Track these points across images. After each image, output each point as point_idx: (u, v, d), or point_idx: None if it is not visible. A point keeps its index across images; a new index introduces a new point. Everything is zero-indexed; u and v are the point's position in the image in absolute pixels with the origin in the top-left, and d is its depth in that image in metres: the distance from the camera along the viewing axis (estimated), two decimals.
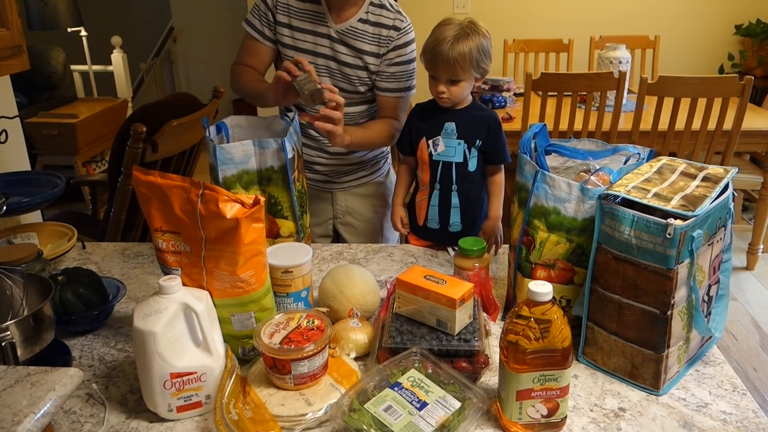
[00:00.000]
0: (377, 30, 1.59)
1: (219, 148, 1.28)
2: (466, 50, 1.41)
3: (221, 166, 1.29)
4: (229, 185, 1.30)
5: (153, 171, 1.01)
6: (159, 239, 1.03)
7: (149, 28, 6.03)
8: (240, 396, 0.95)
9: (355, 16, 1.58)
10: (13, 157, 2.22)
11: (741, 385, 1.03)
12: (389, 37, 1.59)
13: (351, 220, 1.86)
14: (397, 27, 1.59)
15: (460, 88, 1.47)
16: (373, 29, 1.59)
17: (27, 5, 3.86)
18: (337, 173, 1.79)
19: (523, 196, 1.14)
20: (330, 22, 1.59)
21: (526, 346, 0.87)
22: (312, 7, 1.60)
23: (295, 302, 1.17)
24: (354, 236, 1.86)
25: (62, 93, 4.61)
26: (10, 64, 1.31)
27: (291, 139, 1.35)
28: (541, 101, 2.77)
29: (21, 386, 0.76)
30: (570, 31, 4.12)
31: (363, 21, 1.58)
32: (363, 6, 1.59)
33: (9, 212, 1.36)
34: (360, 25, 1.59)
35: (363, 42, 1.59)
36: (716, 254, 1.06)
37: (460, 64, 1.42)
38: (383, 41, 1.59)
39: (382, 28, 1.58)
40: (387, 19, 1.58)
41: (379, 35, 1.59)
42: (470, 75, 1.46)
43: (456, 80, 1.45)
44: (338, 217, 1.86)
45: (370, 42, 1.59)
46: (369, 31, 1.58)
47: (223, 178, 1.30)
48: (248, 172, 1.32)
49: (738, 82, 2.57)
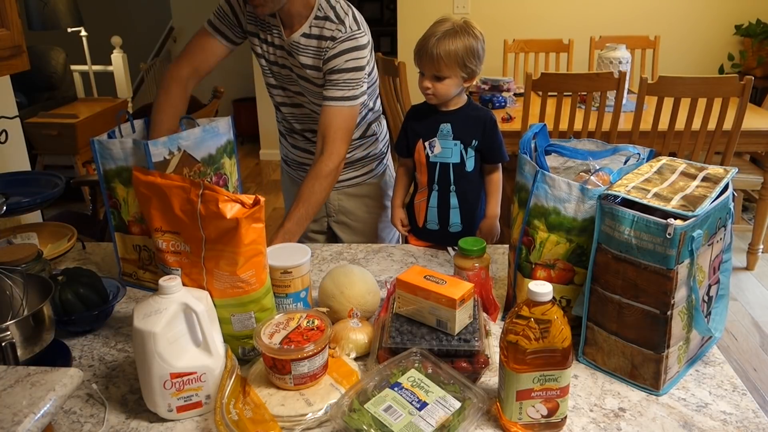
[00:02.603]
0: (318, 43, 1.56)
1: (98, 143, 1.31)
2: (451, 47, 1.42)
3: (101, 160, 1.32)
4: (109, 179, 1.33)
5: (153, 171, 1.01)
6: (159, 239, 1.03)
7: (149, 28, 6.04)
8: (240, 396, 0.95)
9: (299, 31, 1.56)
10: (13, 157, 2.23)
11: (741, 385, 1.03)
12: (326, 48, 1.54)
13: (345, 219, 1.86)
14: (334, 37, 1.53)
15: (445, 86, 1.47)
16: (316, 42, 1.56)
17: (27, 5, 3.86)
18: None
19: (523, 196, 1.14)
20: (282, 36, 1.60)
21: (526, 346, 0.87)
22: (270, 20, 1.61)
23: (294, 303, 1.17)
24: (349, 235, 1.87)
25: (62, 93, 4.61)
26: (10, 64, 1.31)
27: (167, 144, 1.30)
28: (541, 101, 2.77)
29: (21, 386, 0.76)
30: (570, 31, 4.12)
31: (306, 36, 1.56)
32: (308, 20, 1.56)
33: (9, 212, 1.36)
34: (303, 39, 1.56)
35: (306, 56, 1.57)
36: (716, 254, 1.06)
37: (444, 61, 1.43)
38: (321, 53, 1.55)
39: (322, 40, 1.55)
40: (327, 31, 1.54)
41: (319, 48, 1.56)
42: (455, 73, 1.45)
43: (440, 77, 1.46)
44: (332, 216, 1.87)
45: (312, 56, 1.57)
46: (312, 45, 1.56)
47: (104, 171, 1.33)
48: (127, 169, 1.31)
49: (738, 82, 2.57)
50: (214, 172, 1.43)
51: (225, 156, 1.44)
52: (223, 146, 1.42)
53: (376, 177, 1.85)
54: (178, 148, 1.31)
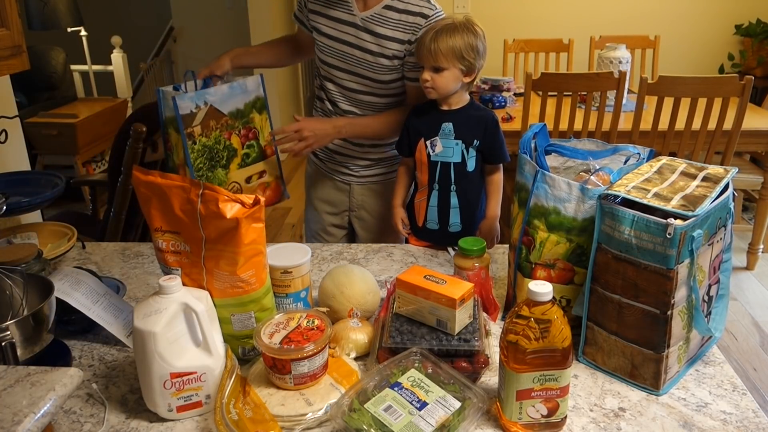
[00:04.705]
0: (403, 16, 1.57)
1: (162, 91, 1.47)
2: (449, 39, 1.44)
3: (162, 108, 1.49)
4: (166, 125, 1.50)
5: (153, 171, 1.01)
6: (159, 239, 1.03)
7: (149, 27, 6.03)
8: (240, 396, 0.95)
9: (381, 3, 1.58)
10: (13, 157, 2.22)
11: (741, 385, 1.03)
12: (416, 24, 1.56)
13: (364, 214, 1.87)
14: (425, 14, 1.56)
15: (444, 78, 1.47)
16: (399, 15, 1.57)
17: (27, 5, 3.86)
18: (355, 166, 1.81)
19: (523, 196, 1.14)
20: (355, 10, 1.61)
21: (526, 346, 0.87)
22: None
23: (294, 303, 1.17)
24: (365, 231, 1.89)
25: (62, 93, 4.61)
26: (10, 64, 1.31)
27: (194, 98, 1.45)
28: (541, 101, 2.77)
29: (21, 386, 0.76)
30: (570, 31, 4.11)
31: (389, 8, 1.58)
32: None
33: (9, 212, 1.36)
34: (385, 11, 1.58)
35: (386, 27, 1.58)
36: (716, 254, 1.06)
37: (442, 52, 1.45)
38: (409, 28, 1.57)
39: (409, 15, 1.57)
40: (414, 6, 1.57)
41: (405, 21, 1.57)
42: (453, 65, 1.46)
43: (438, 68, 1.47)
44: (354, 210, 1.89)
45: (393, 27, 1.58)
46: (393, 17, 1.58)
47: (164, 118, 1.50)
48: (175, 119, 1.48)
49: (738, 82, 2.57)
50: (243, 125, 1.54)
51: (255, 111, 1.54)
52: (251, 101, 1.52)
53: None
54: (205, 102, 1.44)
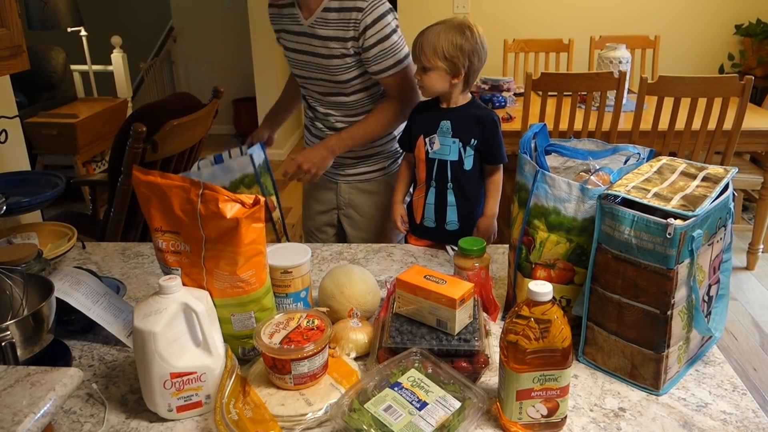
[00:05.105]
0: (340, 14, 1.60)
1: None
2: (435, 40, 1.45)
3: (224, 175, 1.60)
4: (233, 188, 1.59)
5: (153, 171, 1.01)
6: (159, 239, 1.03)
7: (149, 28, 6.03)
8: (240, 396, 0.95)
9: (319, 7, 1.62)
10: (13, 157, 2.22)
11: (741, 385, 1.03)
12: (353, 20, 1.58)
13: (352, 213, 1.89)
14: (359, 8, 1.57)
15: (429, 78, 1.48)
16: (337, 14, 1.60)
17: (27, 5, 3.86)
18: (341, 165, 1.83)
19: (523, 196, 1.14)
20: (301, 19, 1.66)
21: (526, 346, 0.87)
22: (288, 10, 1.70)
23: (294, 303, 1.17)
24: (354, 230, 1.89)
25: (62, 93, 4.60)
26: (10, 64, 1.31)
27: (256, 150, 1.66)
28: (541, 101, 2.77)
29: (21, 386, 0.76)
30: (570, 31, 4.11)
31: (327, 9, 1.61)
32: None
33: (9, 212, 1.36)
34: (325, 14, 1.62)
35: (328, 29, 1.62)
36: (716, 254, 1.06)
37: (424, 51, 1.46)
38: (347, 24, 1.59)
39: (344, 12, 1.59)
40: (348, 2, 1.59)
41: (343, 19, 1.60)
42: (437, 66, 1.46)
43: (425, 68, 1.48)
44: (341, 208, 1.90)
45: (335, 27, 1.61)
46: (332, 17, 1.61)
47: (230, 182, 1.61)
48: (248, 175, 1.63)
49: (738, 82, 2.57)
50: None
51: (243, 187, 1.60)
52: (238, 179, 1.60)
53: (388, 175, 1.87)
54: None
